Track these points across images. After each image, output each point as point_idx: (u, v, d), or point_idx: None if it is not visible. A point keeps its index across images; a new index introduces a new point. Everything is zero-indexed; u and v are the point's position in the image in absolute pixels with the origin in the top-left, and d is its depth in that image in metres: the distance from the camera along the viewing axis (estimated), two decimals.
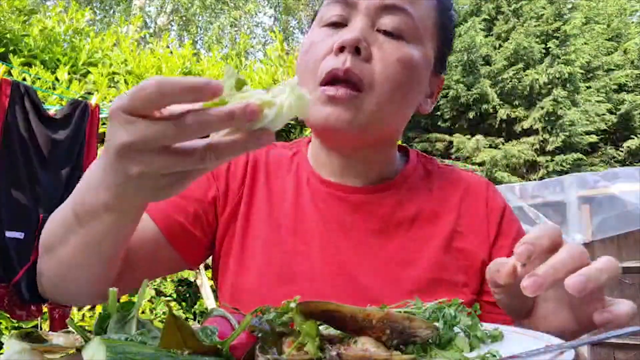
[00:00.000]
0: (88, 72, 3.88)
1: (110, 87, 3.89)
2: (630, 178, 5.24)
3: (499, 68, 10.58)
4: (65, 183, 2.66)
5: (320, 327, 0.46)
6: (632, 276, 4.25)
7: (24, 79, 3.11)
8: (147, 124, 0.45)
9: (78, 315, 3.53)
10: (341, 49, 0.77)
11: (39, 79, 3.30)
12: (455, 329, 0.51)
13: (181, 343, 0.41)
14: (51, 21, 4.26)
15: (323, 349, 0.44)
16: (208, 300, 3.91)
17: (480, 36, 10.33)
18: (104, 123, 3.31)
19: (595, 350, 4.26)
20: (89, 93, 3.52)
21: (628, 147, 10.90)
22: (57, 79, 3.52)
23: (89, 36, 4.38)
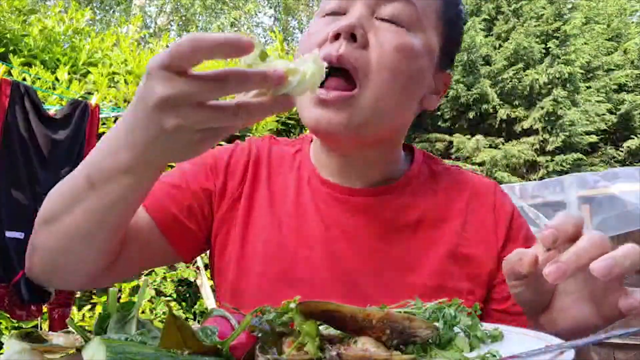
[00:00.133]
0: (88, 72, 3.88)
1: (110, 87, 3.89)
2: (630, 178, 5.24)
3: (499, 68, 10.58)
4: None
5: (320, 327, 0.46)
6: (632, 276, 4.26)
7: (24, 79, 3.11)
8: (185, 80, 0.48)
9: (78, 315, 3.53)
10: (336, 36, 0.74)
11: (39, 79, 3.30)
12: (455, 329, 0.51)
13: (181, 343, 0.41)
14: (51, 21, 4.26)
15: (323, 349, 0.44)
16: (208, 300, 3.91)
17: (480, 36, 10.33)
18: (104, 123, 3.31)
19: (595, 350, 4.27)
20: (89, 93, 3.52)
21: (628, 147, 10.90)
22: (57, 79, 3.52)
23: (89, 36, 4.38)
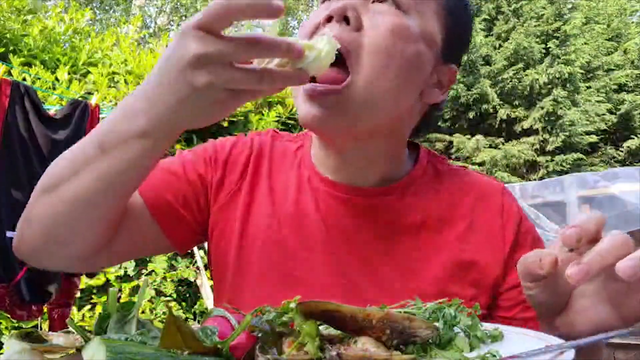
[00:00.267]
0: (88, 72, 3.88)
1: (110, 87, 3.89)
2: (630, 178, 5.24)
3: (499, 68, 10.58)
4: None
5: (320, 327, 0.46)
6: None
7: (24, 79, 3.11)
8: (219, 40, 0.52)
9: (78, 315, 3.53)
10: (329, 20, 0.72)
11: (39, 79, 3.30)
12: (455, 329, 0.51)
13: (181, 343, 0.41)
14: (51, 21, 4.26)
15: (323, 349, 0.44)
16: (208, 300, 3.91)
17: (480, 36, 10.33)
18: None
19: None
20: (89, 93, 3.52)
21: (628, 147, 10.90)
22: (57, 79, 3.52)
23: (89, 36, 4.38)
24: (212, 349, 0.42)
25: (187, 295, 4.23)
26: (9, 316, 2.59)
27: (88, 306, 3.62)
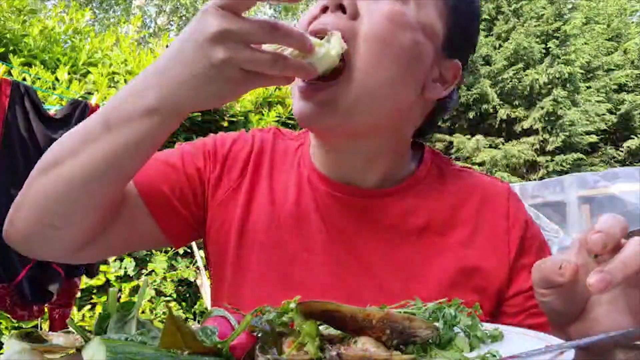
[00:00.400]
0: (88, 72, 3.88)
1: (110, 87, 3.88)
2: (630, 178, 5.24)
3: (499, 68, 10.58)
4: None
5: (320, 327, 0.46)
6: None
7: (24, 79, 3.11)
8: (240, 19, 0.54)
9: (78, 315, 3.53)
10: (325, 10, 0.71)
11: (39, 79, 3.30)
12: (455, 329, 0.51)
13: (181, 343, 0.41)
14: (51, 21, 4.26)
15: (323, 349, 0.44)
16: (208, 300, 3.91)
17: (480, 36, 10.37)
18: None
19: None
20: (89, 93, 3.52)
21: (628, 147, 10.91)
22: (57, 79, 3.52)
23: (89, 36, 4.38)
24: (212, 349, 0.42)
25: (187, 295, 4.23)
26: (10, 316, 2.58)
27: (88, 306, 3.62)
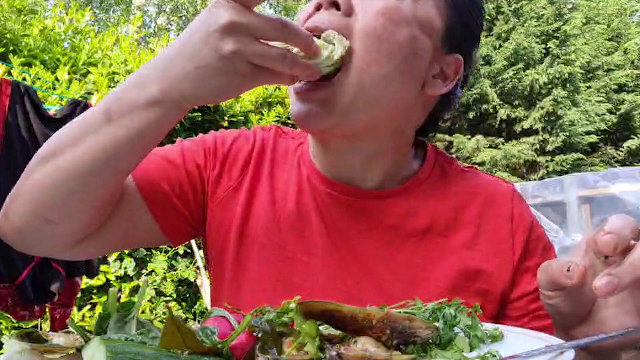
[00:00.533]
0: (88, 72, 3.88)
1: (110, 87, 3.88)
2: (630, 178, 5.24)
3: (499, 68, 10.58)
4: None
5: (320, 327, 0.46)
6: None
7: (24, 79, 3.11)
8: (251, 13, 0.54)
9: (78, 315, 3.53)
10: (318, 8, 0.70)
11: (39, 79, 3.30)
12: (455, 329, 0.51)
13: (181, 343, 0.41)
14: (51, 21, 4.26)
15: (323, 349, 0.44)
16: (208, 300, 3.92)
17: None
18: None
19: None
20: (89, 93, 3.52)
21: (628, 147, 10.92)
22: (57, 79, 3.52)
23: (89, 36, 4.38)
24: (212, 349, 0.42)
25: (187, 295, 4.23)
26: (12, 316, 2.58)
27: (88, 306, 3.62)
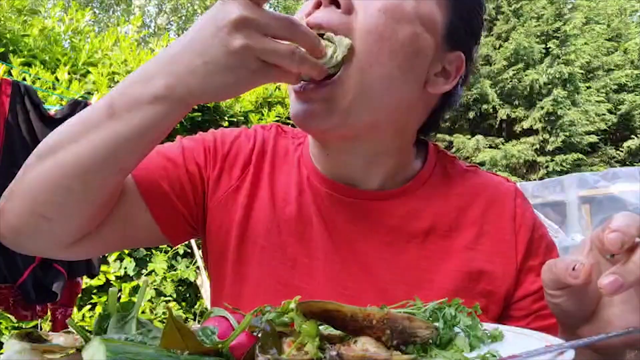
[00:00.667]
0: (88, 72, 3.88)
1: (110, 87, 3.88)
2: (630, 178, 5.25)
3: (499, 68, 10.58)
4: None
5: (320, 327, 0.46)
6: None
7: (24, 79, 3.11)
8: (262, 10, 0.55)
9: (78, 315, 3.53)
10: (318, 6, 0.68)
11: (39, 79, 3.30)
12: (455, 329, 0.51)
13: (181, 343, 0.41)
14: (51, 21, 4.26)
15: (323, 349, 0.44)
16: (208, 300, 3.92)
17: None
18: None
19: None
20: (89, 93, 3.52)
21: (628, 147, 10.92)
22: (57, 79, 3.52)
23: (89, 36, 4.38)
24: (212, 349, 0.42)
25: (187, 295, 4.23)
26: (14, 316, 2.58)
27: (88, 306, 3.62)
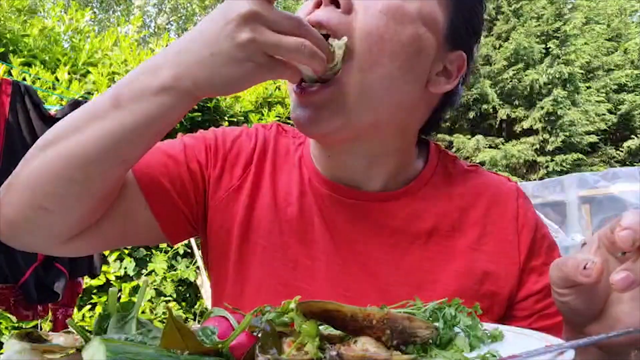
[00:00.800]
0: (88, 72, 3.88)
1: (110, 87, 3.89)
2: (630, 178, 5.25)
3: (499, 68, 10.59)
4: None
5: (320, 327, 0.46)
6: None
7: (24, 79, 3.11)
8: (272, 6, 0.56)
9: (78, 315, 3.53)
10: (318, 5, 0.67)
11: (39, 79, 3.30)
12: (455, 329, 0.51)
13: (181, 343, 0.41)
14: (51, 21, 4.26)
15: (323, 349, 0.44)
16: (208, 300, 3.92)
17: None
18: None
19: None
20: (89, 93, 3.52)
21: (628, 147, 10.92)
22: (57, 79, 3.52)
23: (89, 36, 4.38)
24: (212, 349, 0.42)
25: (187, 295, 4.23)
26: (15, 316, 2.57)
27: (88, 306, 3.62)
